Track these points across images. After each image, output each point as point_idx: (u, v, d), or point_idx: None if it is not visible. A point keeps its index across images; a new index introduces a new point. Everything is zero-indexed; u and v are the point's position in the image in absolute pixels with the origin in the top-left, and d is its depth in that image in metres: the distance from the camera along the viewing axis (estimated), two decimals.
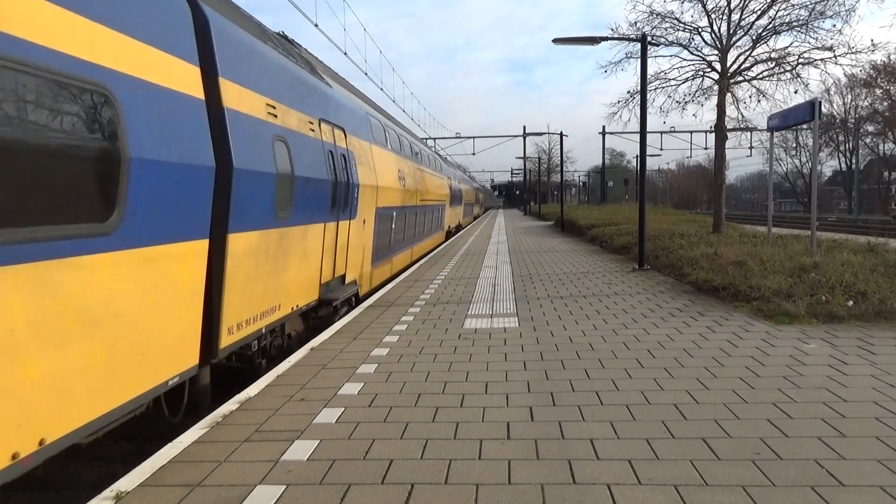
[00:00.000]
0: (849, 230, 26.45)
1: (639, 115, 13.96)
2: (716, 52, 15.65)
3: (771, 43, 16.28)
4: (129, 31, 4.16)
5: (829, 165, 69.80)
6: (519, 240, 25.01)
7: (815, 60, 14.72)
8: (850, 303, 7.92)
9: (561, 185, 42.03)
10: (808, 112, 11.41)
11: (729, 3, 15.22)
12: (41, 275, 3.31)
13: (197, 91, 5.02)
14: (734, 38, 15.39)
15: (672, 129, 49.03)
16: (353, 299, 10.09)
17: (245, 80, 5.94)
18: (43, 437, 3.35)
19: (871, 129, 58.45)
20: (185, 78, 4.85)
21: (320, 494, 3.45)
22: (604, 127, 47.68)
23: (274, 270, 6.56)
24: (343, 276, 9.52)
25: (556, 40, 13.69)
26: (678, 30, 15.89)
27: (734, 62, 15.44)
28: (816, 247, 11.31)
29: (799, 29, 14.93)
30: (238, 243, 5.60)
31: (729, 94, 15.80)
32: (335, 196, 8.63)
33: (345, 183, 9.14)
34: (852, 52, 14.21)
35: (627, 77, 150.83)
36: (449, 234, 28.57)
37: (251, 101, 6.02)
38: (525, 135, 54.40)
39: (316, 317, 8.63)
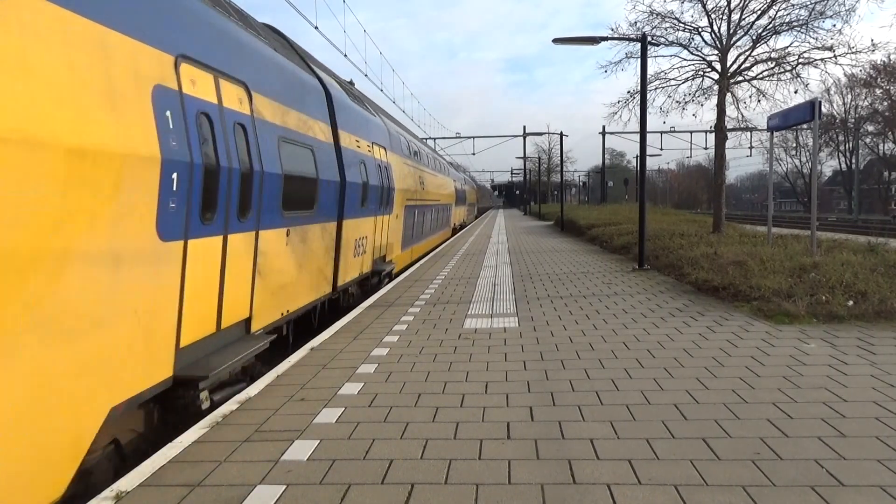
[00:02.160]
0: (849, 230, 26.46)
1: (639, 115, 13.97)
2: (716, 52, 15.67)
3: (771, 43, 16.33)
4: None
5: (829, 165, 69.85)
6: (519, 240, 25.00)
7: (815, 60, 14.74)
8: (850, 303, 7.92)
9: (561, 185, 42.04)
10: (808, 112, 11.41)
11: (729, 3, 15.24)
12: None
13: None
14: (734, 38, 15.40)
15: (672, 129, 49.04)
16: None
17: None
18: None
19: (871, 129, 58.47)
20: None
21: (320, 494, 3.45)
22: (604, 127, 47.71)
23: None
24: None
25: (556, 40, 13.69)
26: (678, 30, 15.92)
27: (734, 62, 15.45)
28: (816, 247, 11.31)
29: (799, 29, 14.96)
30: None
31: (729, 94, 15.81)
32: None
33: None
34: (852, 52, 14.22)
35: (627, 77, 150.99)
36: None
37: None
38: (525, 135, 54.38)
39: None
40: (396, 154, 14.61)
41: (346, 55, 19.04)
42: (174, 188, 4.57)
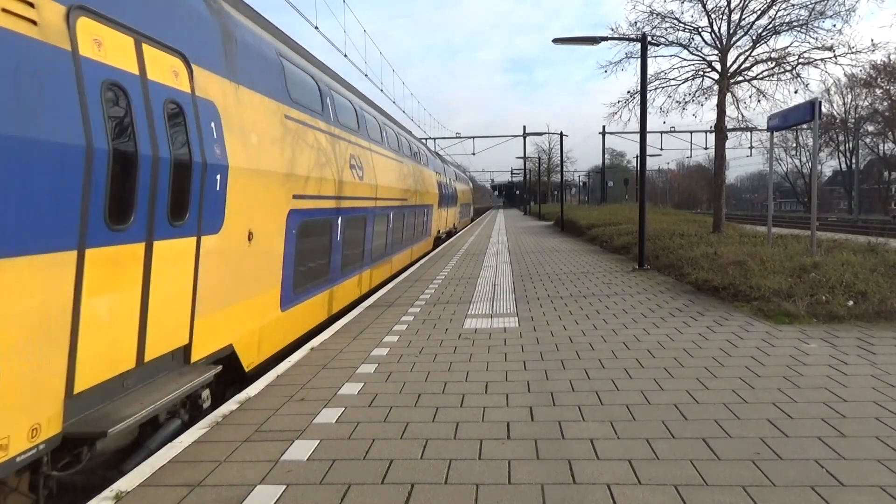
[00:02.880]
0: (849, 230, 26.45)
1: (639, 115, 13.96)
2: (716, 52, 15.65)
3: (771, 43, 16.35)
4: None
5: (829, 165, 69.78)
6: (519, 240, 25.00)
7: (815, 60, 14.72)
8: (850, 303, 7.92)
9: (561, 185, 42.05)
10: (808, 112, 11.41)
11: (729, 3, 15.22)
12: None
13: None
14: (734, 38, 15.39)
15: (672, 129, 49.03)
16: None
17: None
18: None
19: (871, 129, 58.44)
20: None
21: (320, 494, 3.45)
22: (604, 127, 47.70)
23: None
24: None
25: (556, 40, 13.69)
26: (678, 30, 15.90)
27: (734, 62, 15.44)
28: (816, 247, 11.31)
29: (799, 29, 14.93)
30: None
31: (729, 94, 15.80)
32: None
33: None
34: (852, 52, 14.21)
35: (627, 77, 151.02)
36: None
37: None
38: (525, 134, 54.36)
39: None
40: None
41: (346, 55, 19.04)
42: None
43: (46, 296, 3.46)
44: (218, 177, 5.30)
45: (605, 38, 14.10)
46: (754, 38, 15.29)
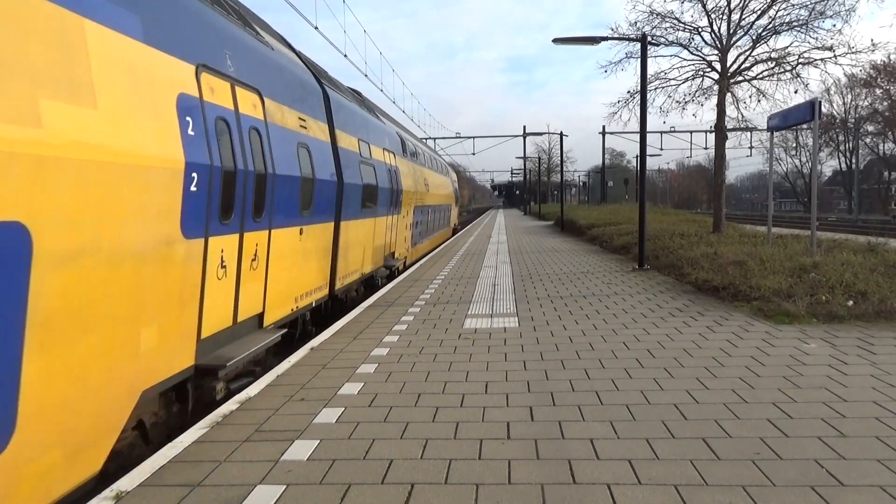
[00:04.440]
0: (849, 230, 26.44)
1: (639, 115, 13.97)
2: (716, 52, 15.66)
3: (771, 43, 16.34)
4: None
5: (829, 165, 69.75)
6: (519, 239, 25.01)
7: (815, 60, 14.73)
8: (850, 303, 7.92)
9: (561, 185, 42.06)
10: (808, 112, 11.41)
11: (729, 3, 15.23)
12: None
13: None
14: (734, 38, 15.39)
15: (672, 129, 49.06)
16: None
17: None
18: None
19: (871, 129, 58.43)
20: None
21: (320, 494, 3.45)
22: (604, 127, 47.71)
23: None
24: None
25: (556, 40, 13.69)
26: (678, 30, 15.90)
27: (734, 62, 15.44)
28: (816, 247, 11.31)
29: (799, 29, 14.94)
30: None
31: (729, 94, 15.80)
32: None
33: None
34: (852, 52, 14.21)
35: (627, 77, 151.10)
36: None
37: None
38: (525, 134, 54.38)
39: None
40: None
41: (345, 55, 19.04)
42: None
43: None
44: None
45: (605, 38, 14.11)
46: (754, 38, 15.31)
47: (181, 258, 4.76)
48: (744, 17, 15.21)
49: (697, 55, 16.02)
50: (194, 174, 4.86)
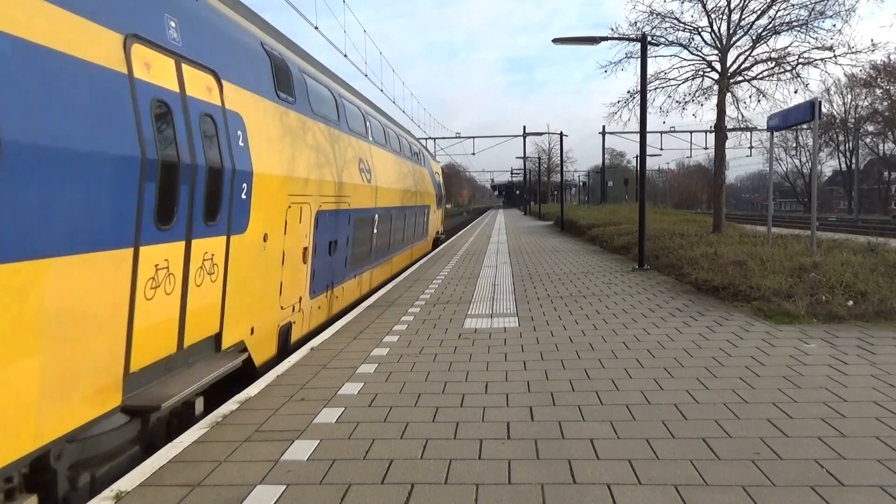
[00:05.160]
0: (849, 230, 26.44)
1: (639, 115, 13.97)
2: (716, 52, 15.65)
3: (771, 43, 16.35)
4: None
5: (829, 165, 69.70)
6: (519, 239, 25.01)
7: (815, 60, 14.71)
8: (850, 303, 7.92)
9: (561, 185, 42.15)
10: (808, 112, 11.41)
11: (729, 3, 15.21)
12: None
13: None
14: (734, 38, 15.38)
15: (672, 129, 49.07)
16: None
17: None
18: None
19: (871, 129, 58.40)
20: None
21: (320, 494, 3.45)
22: (604, 127, 47.67)
23: None
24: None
25: (555, 40, 13.69)
26: (678, 30, 15.88)
27: (734, 62, 15.43)
28: (816, 247, 11.31)
29: (799, 29, 14.92)
30: None
31: (729, 94, 15.79)
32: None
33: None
34: (852, 52, 14.20)
35: (627, 77, 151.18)
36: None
37: None
38: (525, 134, 54.36)
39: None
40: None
41: (345, 55, 19.03)
42: None
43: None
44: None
45: (605, 38, 14.10)
46: (754, 38, 15.30)
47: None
48: (744, 17, 15.21)
49: (697, 55, 16.02)
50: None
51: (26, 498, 3.52)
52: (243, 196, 5.94)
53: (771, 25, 15.07)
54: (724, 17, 15.31)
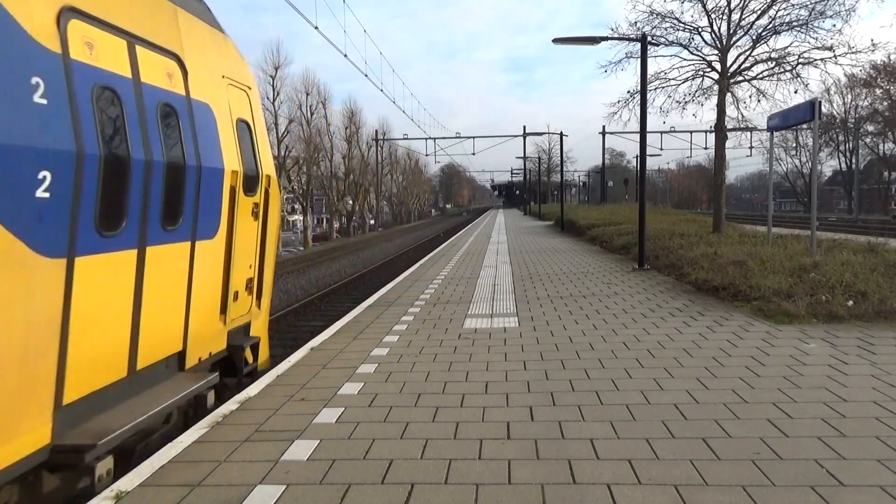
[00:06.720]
0: (849, 230, 26.44)
1: (639, 115, 13.97)
2: (716, 51, 15.64)
3: (771, 43, 16.23)
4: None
5: (829, 165, 69.70)
6: (519, 239, 25.01)
7: (815, 60, 14.70)
8: (850, 303, 7.92)
9: (561, 185, 42.13)
10: (808, 112, 11.40)
11: (729, 3, 15.21)
12: None
13: None
14: (734, 38, 15.38)
15: (672, 129, 49.10)
16: None
17: None
18: None
19: (871, 129, 58.39)
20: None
21: (320, 494, 3.45)
22: (604, 127, 47.71)
23: None
24: None
25: (556, 40, 13.69)
26: (678, 30, 15.87)
27: (734, 62, 15.42)
28: (816, 247, 11.30)
29: (799, 29, 14.91)
30: None
31: (729, 94, 15.78)
32: None
33: None
34: (852, 52, 14.18)
35: (627, 77, 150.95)
36: None
37: None
38: (525, 134, 54.39)
39: None
40: None
41: (346, 55, 19.06)
42: None
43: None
44: None
45: (605, 38, 14.11)
46: (754, 38, 15.29)
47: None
48: (744, 17, 15.20)
49: (697, 55, 16.01)
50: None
51: None
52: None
53: (771, 25, 15.07)
54: (724, 17, 15.31)
